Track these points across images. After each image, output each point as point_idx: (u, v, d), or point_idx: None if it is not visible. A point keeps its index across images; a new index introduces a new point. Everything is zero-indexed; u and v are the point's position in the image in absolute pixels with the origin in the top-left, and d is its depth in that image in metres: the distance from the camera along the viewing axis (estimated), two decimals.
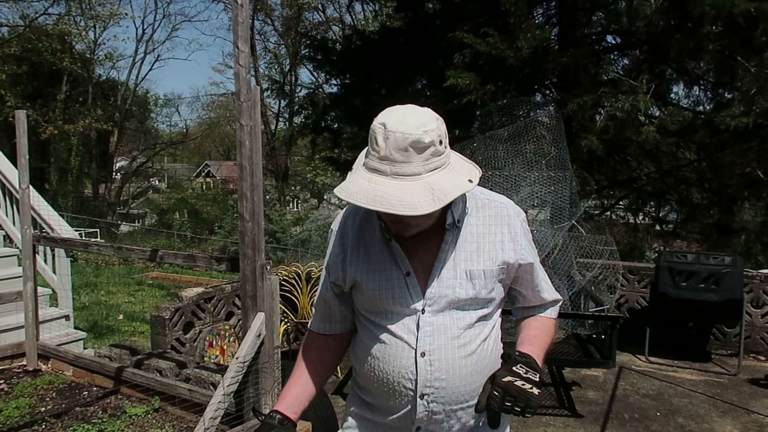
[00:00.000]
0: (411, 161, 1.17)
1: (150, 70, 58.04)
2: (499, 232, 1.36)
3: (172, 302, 4.99)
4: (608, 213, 10.16)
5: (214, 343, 5.13)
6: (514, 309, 1.51)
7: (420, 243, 1.32)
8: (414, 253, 1.32)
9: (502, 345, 1.43)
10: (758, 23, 5.47)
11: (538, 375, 1.21)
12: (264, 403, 2.95)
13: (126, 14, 24.07)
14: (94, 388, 3.96)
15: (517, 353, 1.27)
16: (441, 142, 1.20)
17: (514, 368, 1.21)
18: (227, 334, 5.23)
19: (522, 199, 5.00)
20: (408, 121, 1.18)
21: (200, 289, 5.29)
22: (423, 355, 1.29)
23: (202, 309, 5.07)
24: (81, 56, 25.90)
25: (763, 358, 5.50)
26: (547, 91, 7.52)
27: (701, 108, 7.52)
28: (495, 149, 5.23)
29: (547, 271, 4.61)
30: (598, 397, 4.54)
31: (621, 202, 9.62)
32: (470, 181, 1.23)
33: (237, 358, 2.84)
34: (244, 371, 2.86)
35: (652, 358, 5.34)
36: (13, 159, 5.11)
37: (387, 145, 1.17)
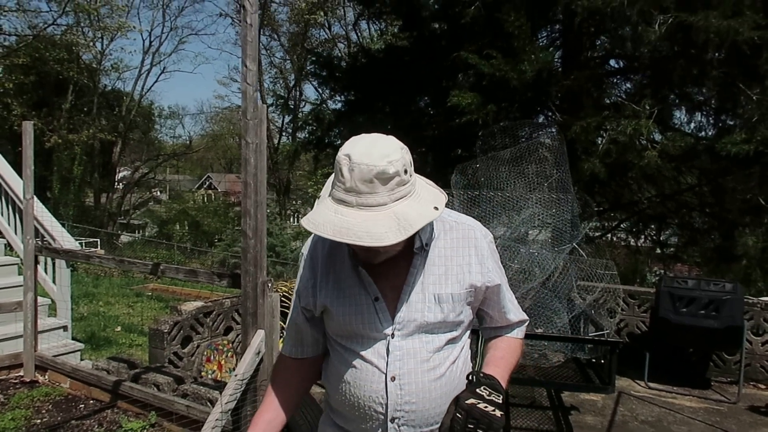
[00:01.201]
0: (376, 192, 1.18)
1: (156, 81, 58.58)
2: (466, 255, 1.37)
3: (171, 316, 4.98)
4: (609, 235, 10.17)
5: (212, 357, 5.11)
6: (482, 329, 1.52)
7: (388, 267, 1.32)
8: (382, 278, 1.33)
9: (471, 365, 1.44)
10: (762, 51, 5.52)
11: (501, 397, 1.23)
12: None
13: (134, 27, 24.29)
14: (91, 401, 3.94)
15: (482, 374, 1.28)
16: (406, 171, 1.21)
17: (477, 390, 1.22)
18: (225, 349, 5.21)
19: (523, 220, 5.01)
20: (373, 153, 1.18)
21: (199, 303, 5.29)
22: (393, 379, 1.30)
23: (200, 323, 5.06)
24: (87, 66, 26.10)
25: (763, 386, 5.46)
26: (550, 113, 7.57)
27: (703, 134, 7.56)
28: (497, 170, 5.24)
29: (548, 293, 4.55)
30: (596, 422, 4.51)
31: (622, 225, 9.64)
32: (436, 208, 1.24)
33: (236, 375, 2.83)
34: (242, 389, 2.85)
35: (651, 384, 5.31)
36: (16, 167, 5.14)
37: (352, 176, 1.17)
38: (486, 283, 1.38)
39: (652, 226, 9.24)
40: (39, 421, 3.63)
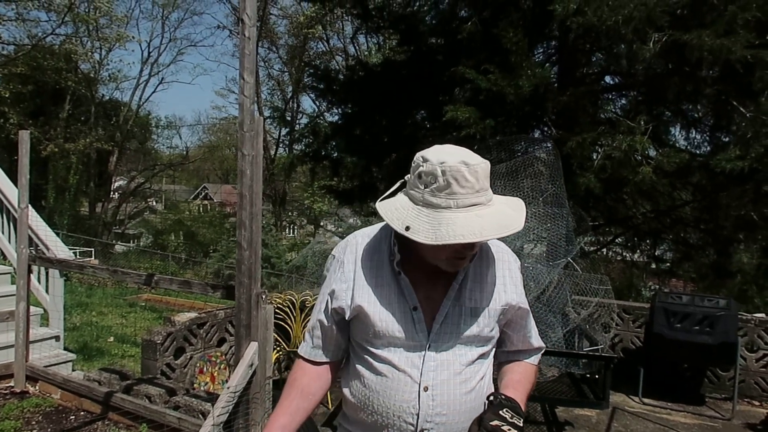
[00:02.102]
0: (489, 188, 1.28)
1: (153, 92, 58.90)
2: (501, 275, 1.41)
3: (164, 327, 4.96)
4: (605, 250, 10.19)
5: (205, 369, 5.08)
6: (498, 352, 1.52)
7: (428, 279, 1.35)
8: (421, 289, 1.35)
9: (493, 385, 1.45)
10: (755, 70, 5.57)
11: (521, 420, 1.24)
12: None
13: (133, 37, 24.41)
14: (82, 413, 3.90)
15: (503, 397, 1.29)
16: None
17: (500, 412, 1.23)
18: (218, 360, 5.18)
19: (518, 235, 5.02)
20: (470, 154, 1.27)
21: (193, 315, 5.27)
22: (426, 389, 1.31)
23: (194, 334, 5.04)
24: (85, 76, 26.15)
25: (757, 403, 5.45)
26: (546, 129, 7.61)
27: (698, 150, 7.60)
28: (493, 184, 5.25)
29: (542, 308, 4.56)
30: None
31: (617, 240, 9.66)
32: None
33: (228, 388, 2.81)
34: (234, 401, 2.84)
35: (645, 400, 5.29)
36: (11, 176, 5.13)
37: (478, 178, 1.24)
38: (520, 303, 1.42)
39: (647, 242, 9.26)
40: None
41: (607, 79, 8.17)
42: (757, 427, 4.84)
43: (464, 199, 1.23)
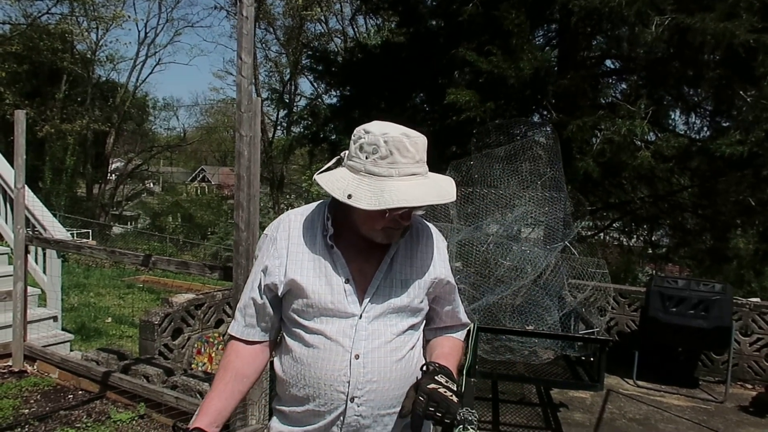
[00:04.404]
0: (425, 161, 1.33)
1: (150, 73, 58.19)
2: (430, 251, 1.47)
3: (161, 307, 4.97)
4: (602, 235, 10.20)
5: (203, 350, 5.11)
6: (426, 330, 1.55)
7: (360, 253, 1.39)
8: (353, 262, 1.39)
9: (423, 357, 1.49)
10: (757, 54, 5.54)
11: (455, 385, 1.30)
12: (251, 414, 2.94)
13: (129, 17, 24.17)
14: (80, 392, 3.93)
15: (437, 365, 1.35)
16: None
17: (435, 377, 1.29)
18: (216, 342, 5.21)
19: (516, 218, 5.02)
20: (408, 128, 1.32)
21: (191, 296, 5.28)
22: (357, 357, 1.35)
23: (191, 315, 5.05)
24: (82, 56, 25.90)
25: (750, 386, 5.51)
26: (546, 112, 7.58)
27: (697, 135, 7.58)
28: (491, 167, 5.25)
29: (539, 291, 4.56)
30: (584, 419, 4.54)
31: (615, 224, 9.67)
32: None
33: None
34: None
35: (640, 382, 5.34)
36: (8, 157, 5.10)
37: (417, 150, 1.30)
38: (448, 278, 1.47)
39: (645, 227, 9.28)
40: (27, 410, 3.62)
41: (608, 63, 8.13)
42: (749, 409, 4.89)
43: (405, 168, 1.28)
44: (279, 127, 31.05)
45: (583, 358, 4.52)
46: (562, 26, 7.52)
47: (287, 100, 29.06)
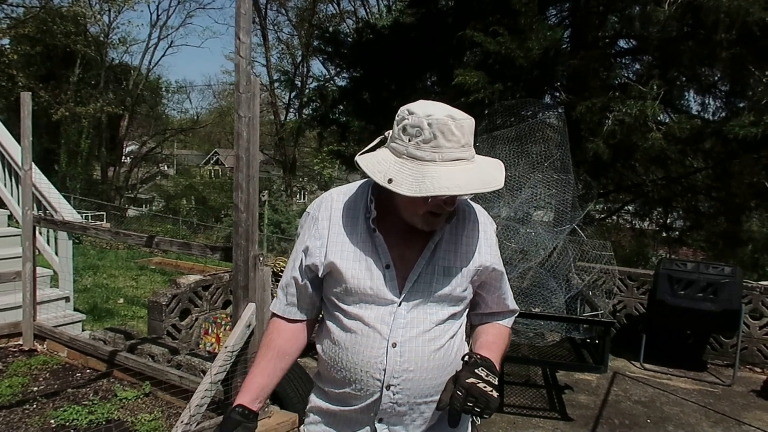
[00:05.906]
0: (472, 145, 1.26)
1: (163, 55, 58.49)
2: (476, 237, 1.40)
3: (169, 288, 5.02)
4: (615, 217, 10.11)
5: (210, 330, 5.16)
6: (472, 315, 1.52)
7: (403, 239, 1.35)
8: (395, 247, 1.35)
9: (466, 345, 1.45)
10: None
11: (496, 378, 1.25)
12: None
13: None
14: (88, 370, 3.99)
15: (479, 356, 1.29)
16: None
17: (476, 370, 1.23)
18: (223, 322, 5.26)
19: (524, 200, 4.98)
20: (458, 110, 1.24)
21: (198, 277, 5.32)
22: (394, 345, 1.32)
23: (199, 296, 5.10)
24: (95, 39, 25.94)
25: (759, 369, 5.46)
26: (556, 93, 7.48)
27: (711, 116, 7.44)
28: (501, 148, 5.20)
29: (545, 273, 4.53)
30: (589, 401, 4.53)
31: (628, 207, 9.56)
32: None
33: (226, 347, 2.85)
34: (232, 360, 2.88)
35: (647, 365, 5.32)
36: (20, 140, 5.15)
37: (463, 132, 1.22)
38: (494, 265, 1.41)
39: (658, 209, 9.16)
40: (36, 388, 3.68)
41: (621, 43, 7.97)
42: (759, 393, 4.85)
43: (449, 153, 1.21)
44: (291, 109, 31.01)
45: (588, 340, 4.51)
46: (574, 5, 7.38)
47: (299, 83, 28.99)
